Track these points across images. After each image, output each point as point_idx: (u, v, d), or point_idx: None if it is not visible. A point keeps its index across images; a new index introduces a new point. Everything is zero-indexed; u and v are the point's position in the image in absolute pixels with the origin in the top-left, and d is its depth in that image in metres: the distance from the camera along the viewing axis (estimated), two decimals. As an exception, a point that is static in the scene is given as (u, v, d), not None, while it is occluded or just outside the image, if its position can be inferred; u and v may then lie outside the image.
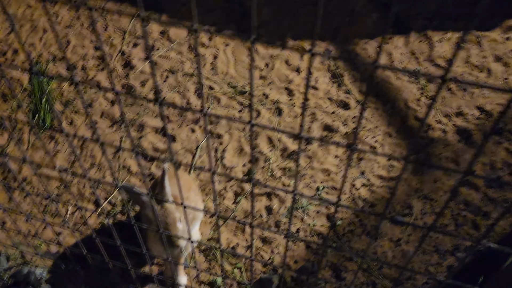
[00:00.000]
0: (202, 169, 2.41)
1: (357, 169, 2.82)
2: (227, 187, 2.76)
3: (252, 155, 0.91)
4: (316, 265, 2.35)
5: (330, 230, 2.52)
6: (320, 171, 2.82)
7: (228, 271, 2.33)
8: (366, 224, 2.53)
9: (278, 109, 3.19)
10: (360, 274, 2.31)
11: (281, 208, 2.64)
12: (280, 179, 2.79)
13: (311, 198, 0.93)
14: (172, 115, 3.17)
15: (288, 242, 1.12)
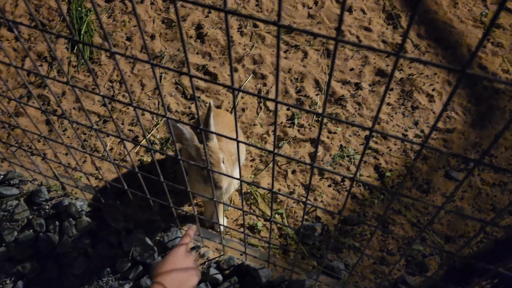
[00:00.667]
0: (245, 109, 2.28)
1: (410, 119, 2.62)
2: (269, 131, 2.62)
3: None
4: (362, 216, 2.23)
5: (378, 181, 2.37)
6: (369, 119, 2.63)
7: (269, 216, 2.24)
8: (417, 178, 2.36)
9: (326, 50, 2.97)
10: (408, 227, 2.18)
11: (326, 155, 2.49)
12: (326, 125, 2.63)
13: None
14: (214, 52, 3.01)
15: (351, 186, 0.98)
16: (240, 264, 2.02)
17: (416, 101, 2.68)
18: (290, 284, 1.94)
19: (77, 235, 2.14)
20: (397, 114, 2.64)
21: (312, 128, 2.61)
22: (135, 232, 2.08)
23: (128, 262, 2.06)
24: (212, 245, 2.11)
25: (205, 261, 2.07)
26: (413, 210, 2.23)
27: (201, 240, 2.09)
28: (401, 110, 2.66)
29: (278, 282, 1.95)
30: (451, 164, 2.40)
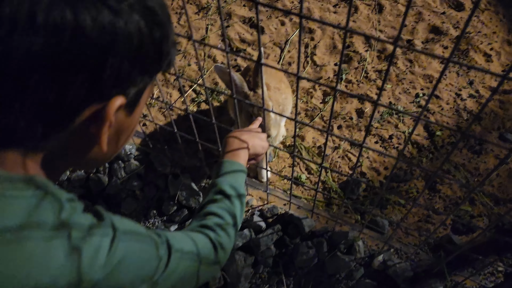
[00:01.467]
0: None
1: (464, 78, 2.50)
2: (315, 86, 2.58)
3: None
4: (409, 174, 2.18)
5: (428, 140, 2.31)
6: (421, 77, 2.53)
7: (313, 169, 2.23)
8: (469, 138, 2.28)
9: (378, 5, 2.85)
10: (457, 188, 2.12)
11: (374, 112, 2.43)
12: (375, 81, 2.55)
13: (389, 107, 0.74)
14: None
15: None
16: (283, 214, 2.04)
17: (472, 60, 2.55)
18: (333, 235, 1.95)
19: (125, 177, 2.20)
20: (451, 72, 2.53)
21: (360, 84, 2.55)
22: (182, 177, 2.12)
23: (174, 206, 2.12)
24: (256, 193, 2.13)
25: (249, 209, 2.09)
26: (463, 170, 2.16)
27: (245, 188, 2.11)
28: (455, 69, 2.54)
29: (321, 233, 1.96)
30: (506, 126, 2.29)
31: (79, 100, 0.54)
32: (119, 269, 0.60)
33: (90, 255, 0.56)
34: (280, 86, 2.17)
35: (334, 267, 1.89)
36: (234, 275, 1.93)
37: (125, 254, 0.62)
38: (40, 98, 0.51)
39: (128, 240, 0.64)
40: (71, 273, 0.53)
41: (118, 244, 0.61)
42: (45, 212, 0.54)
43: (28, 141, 0.56)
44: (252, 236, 1.99)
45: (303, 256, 1.90)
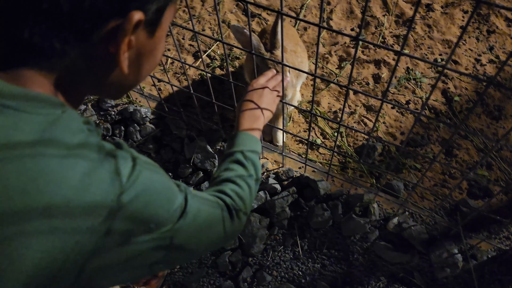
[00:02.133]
0: (309, 23, 2.21)
1: (484, 43, 2.45)
2: (331, 51, 2.54)
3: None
4: (426, 138, 2.16)
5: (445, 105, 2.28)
6: (440, 42, 2.48)
7: (328, 134, 2.22)
8: (488, 104, 2.24)
9: (397, -31, 2.77)
10: (474, 153, 2.10)
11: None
12: (392, 46, 2.51)
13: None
14: (277, -31, 2.88)
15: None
16: (298, 177, 2.04)
17: (492, 25, 2.49)
18: (348, 198, 1.95)
19: (141, 140, 2.21)
20: (471, 38, 2.48)
21: (377, 50, 2.50)
22: (197, 140, 2.12)
23: (189, 168, 2.13)
24: (271, 156, 2.13)
25: (264, 171, 2.10)
26: (481, 135, 2.14)
27: (261, 151, 2.11)
28: (475, 34, 2.49)
29: (337, 195, 1.96)
30: (527, 92, 2.25)
31: (96, 11, 0.51)
32: (143, 197, 0.58)
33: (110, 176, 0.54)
34: (297, 49, 2.14)
35: (349, 229, 1.90)
36: (249, 236, 1.95)
37: (148, 183, 0.60)
38: (55, 7, 0.49)
39: (150, 170, 0.62)
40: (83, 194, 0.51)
41: (142, 171, 0.59)
42: (61, 130, 0.52)
43: (44, 58, 0.53)
44: (267, 198, 2.00)
45: (318, 218, 1.91)
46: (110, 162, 0.55)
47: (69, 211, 0.49)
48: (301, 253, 1.94)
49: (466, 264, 1.78)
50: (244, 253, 1.99)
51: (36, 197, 0.47)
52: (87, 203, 0.51)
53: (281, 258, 1.95)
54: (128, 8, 0.54)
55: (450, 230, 1.83)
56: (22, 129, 0.49)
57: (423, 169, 2.07)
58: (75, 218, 0.49)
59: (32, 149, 0.48)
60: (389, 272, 1.85)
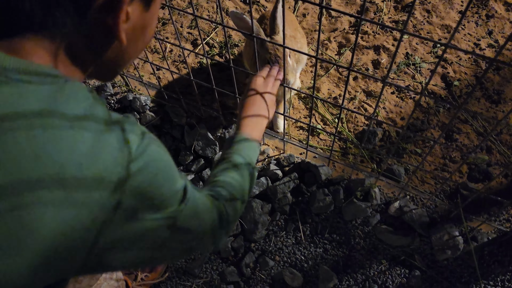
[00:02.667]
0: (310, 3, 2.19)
1: (483, 28, 2.45)
2: (330, 37, 2.54)
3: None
4: (426, 123, 2.17)
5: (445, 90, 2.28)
6: (439, 27, 2.48)
7: (328, 120, 2.23)
8: (487, 88, 2.25)
9: (396, -46, 2.76)
10: (474, 137, 2.11)
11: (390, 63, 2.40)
12: (391, 32, 2.50)
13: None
14: (275, -45, 2.86)
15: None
16: (299, 162, 2.05)
17: (491, 10, 2.49)
18: (349, 183, 1.96)
19: (141, 128, 2.21)
20: (470, 23, 2.48)
21: (376, 36, 2.50)
22: (198, 127, 2.12)
23: (190, 155, 2.13)
24: (272, 143, 2.13)
25: (265, 158, 2.10)
26: (480, 119, 2.15)
27: (262, 138, 2.12)
28: (474, 19, 2.49)
29: (338, 180, 1.97)
30: (526, 76, 2.26)
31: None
32: (150, 169, 0.58)
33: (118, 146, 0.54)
34: (296, 35, 2.14)
35: (350, 214, 1.91)
36: (251, 222, 1.96)
37: (156, 156, 0.60)
38: None
39: (157, 146, 0.63)
40: (93, 161, 0.51)
41: (150, 143, 0.60)
42: (67, 98, 0.53)
43: (44, 29, 0.54)
44: (269, 184, 2.01)
45: (319, 203, 1.92)
46: (118, 130, 0.55)
47: (81, 179, 0.49)
48: (303, 238, 1.95)
49: (466, 246, 1.80)
50: (246, 239, 2.00)
51: (48, 165, 0.47)
52: (98, 170, 0.51)
53: (283, 243, 1.97)
54: None
55: (451, 213, 1.85)
56: (28, 99, 0.49)
57: (424, 153, 2.08)
58: (87, 187, 0.50)
59: (40, 118, 0.48)
60: (390, 255, 1.87)
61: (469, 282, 1.80)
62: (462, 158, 2.06)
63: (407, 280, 1.84)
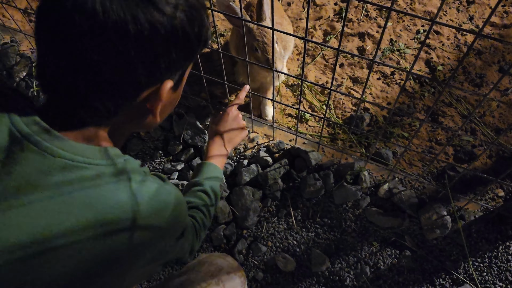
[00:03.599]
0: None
1: (464, 14, 2.50)
2: (316, 25, 2.55)
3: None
4: (412, 107, 2.21)
5: (429, 74, 2.32)
6: (421, 13, 2.52)
7: (316, 106, 2.24)
8: (470, 72, 2.30)
9: None
10: (459, 120, 2.16)
11: (375, 50, 2.43)
12: (376, 20, 2.53)
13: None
14: None
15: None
16: (289, 149, 2.06)
17: (472, -4, 2.54)
18: (339, 167, 1.98)
19: (129, 119, 2.19)
20: (451, 9, 2.52)
21: (360, 23, 2.53)
22: (186, 116, 2.12)
23: (179, 145, 2.12)
24: (261, 130, 2.14)
25: (255, 145, 2.11)
26: (464, 102, 2.20)
27: (251, 125, 2.12)
28: (455, 5, 2.53)
29: (328, 165, 1.99)
30: (506, 59, 2.31)
31: (140, 85, 0.72)
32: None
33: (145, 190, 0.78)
34: (282, 22, 2.15)
35: (341, 197, 1.93)
36: (242, 209, 1.97)
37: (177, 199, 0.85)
38: (113, 83, 0.69)
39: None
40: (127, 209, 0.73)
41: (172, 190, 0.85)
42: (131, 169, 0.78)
43: (103, 118, 0.75)
44: (260, 171, 2.02)
45: (310, 188, 1.94)
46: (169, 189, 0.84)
47: None
48: (294, 223, 1.97)
49: (454, 225, 1.84)
50: (238, 226, 2.01)
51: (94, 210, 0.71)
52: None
53: (275, 229, 1.98)
54: (162, 79, 0.74)
55: (439, 193, 1.89)
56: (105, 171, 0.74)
57: (410, 137, 2.12)
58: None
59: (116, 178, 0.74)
60: (381, 237, 1.90)
61: (458, 260, 1.84)
62: (447, 140, 2.10)
63: (398, 260, 1.87)
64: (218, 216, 1.99)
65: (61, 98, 0.72)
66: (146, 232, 0.75)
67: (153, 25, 0.66)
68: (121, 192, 0.72)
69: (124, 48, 0.65)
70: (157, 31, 0.66)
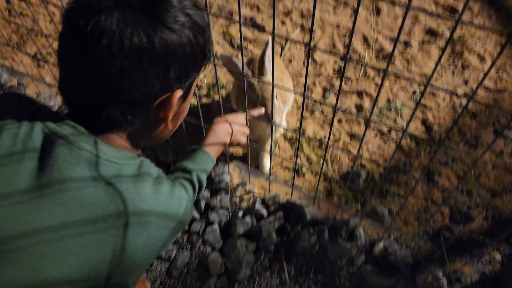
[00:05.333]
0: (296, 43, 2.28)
1: (460, 77, 2.58)
2: (315, 82, 2.63)
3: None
4: (408, 165, 2.23)
5: (425, 134, 2.36)
6: (418, 75, 2.60)
7: (313, 160, 2.26)
8: (465, 133, 2.34)
9: (376, 8, 2.93)
10: (454, 180, 2.17)
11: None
12: (373, 79, 2.61)
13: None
14: (263, 5, 3.01)
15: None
16: (285, 203, 2.06)
17: (466, 61, 2.63)
18: (334, 223, 1.97)
19: (127, 165, 2.21)
20: (447, 72, 2.61)
21: (359, 82, 2.60)
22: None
23: (175, 193, 2.12)
24: (257, 182, 2.15)
25: (251, 197, 2.11)
26: (460, 163, 2.22)
27: (248, 176, 2.13)
28: (450, 69, 2.62)
29: (323, 220, 1.98)
30: (501, 122, 2.36)
31: (154, 95, 0.80)
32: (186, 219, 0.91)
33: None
34: (283, 77, 2.21)
35: (335, 254, 1.91)
36: (235, 261, 1.94)
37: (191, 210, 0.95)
38: (130, 97, 0.77)
39: None
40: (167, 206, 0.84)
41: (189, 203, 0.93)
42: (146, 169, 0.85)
43: (121, 126, 0.83)
44: (254, 223, 2.00)
45: (304, 243, 1.92)
46: (185, 190, 0.91)
47: (165, 216, 0.83)
48: (287, 278, 1.93)
49: (450, 287, 1.80)
50: (230, 279, 1.96)
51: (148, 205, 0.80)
52: (169, 213, 0.84)
53: (267, 283, 1.94)
54: (172, 88, 0.82)
55: (434, 254, 1.86)
56: (125, 170, 0.80)
57: (406, 195, 2.12)
58: (167, 221, 0.84)
59: (135, 178, 0.81)
60: (376, 297, 1.85)
61: (454, 325, 1.79)
62: (443, 200, 2.10)
63: (393, 322, 1.82)
64: (209, 268, 1.95)
65: (82, 110, 0.80)
66: None
67: (165, 42, 0.74)
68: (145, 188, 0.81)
69: (140, 63, 0.73)
70: (168, 47, 0.75)
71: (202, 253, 2.00)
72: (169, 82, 0.79)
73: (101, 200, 0.74)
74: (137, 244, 0.77)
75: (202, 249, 2.01)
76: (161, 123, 0.89)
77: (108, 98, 0.76)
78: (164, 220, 0.82)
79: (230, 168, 2.18)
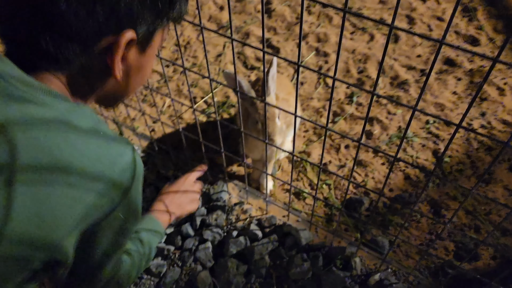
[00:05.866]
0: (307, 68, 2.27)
1: (477, 109, 2.48)
2: (326, 106, 2.59)
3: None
4: (414, 197, 2.13)
5: (435, 166, 2.26)
6: (432, 105, 2.52)
7: (315, 184, 2.20)
8: (478, 167, 2.23)
9: (394, 35, 2.89)
10: (462, 215, 2.06)
11: (383, 134, 2.42)
12: (386, 106, 2.55)
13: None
14: (280, 27, 3.02)
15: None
16: (281, 225, 2.00)
17: (485, 93, 2.54)
18: (330, 250, 1.89)
19: (128, 176, 2.21)
20: (463, 103, 2.52)
21: (371, 108, 2.54)
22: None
23: (172, 208, 2.10)
24: (255, 203, 2.10)
25: (247, 217, 2.06)
26: (470, 198, 2.10)
27: (246, 196, 2.09)
28: (467, 100, 2.53)
29: (318, 247, 1.91)
30: (518, 159, 2.24)
31: (96, 28, 0.66)
32: (137, 183, 0.76)
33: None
34: (289, 98, 2.19)
35: (328, 282, 1.82)
36: (224, 282, 1.88)
37: (141, 175, 0.78)
38: (66, 25, 0.64)
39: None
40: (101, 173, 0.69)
41: (139, 164, 0.77)
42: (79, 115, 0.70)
43: (56, 64, 0.69)
44: (248, 244, 1.95)
45: (297, 269, 1.84)
46: (130, 148, 0.75)
47: (85, 174, 0.66)
48: (277, 305, 1.85)
49: (449, 330, 1.68)
50: (218, 301, 1.90)
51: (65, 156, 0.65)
52: (97, 172, 0.68)
53: (256, 308, 1.86)
54: (122, 27, 0.68)
55: (434, 292, 1.75)
56: (51, 110, 0.67)
57: (410, 227, 2.02)
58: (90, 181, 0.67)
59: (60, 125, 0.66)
60: (368, 333, 1.75)
61: None
62: (449, 236, 1.99)
63: None
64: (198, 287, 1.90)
65: (16, 44, 0.69)
66: None
67: None
68: None
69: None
70: None
71: (193, 270, 1.95)
72: (117, 16, 0.66)
73: None
74: (28, 211, 0.61)
75: (193, 266, 1.96)
76: (110, 75, 0.75)
77: (41, 27, 0.64)
78: (82, 179, 0.66)
79: (229, 186, 2.14)
